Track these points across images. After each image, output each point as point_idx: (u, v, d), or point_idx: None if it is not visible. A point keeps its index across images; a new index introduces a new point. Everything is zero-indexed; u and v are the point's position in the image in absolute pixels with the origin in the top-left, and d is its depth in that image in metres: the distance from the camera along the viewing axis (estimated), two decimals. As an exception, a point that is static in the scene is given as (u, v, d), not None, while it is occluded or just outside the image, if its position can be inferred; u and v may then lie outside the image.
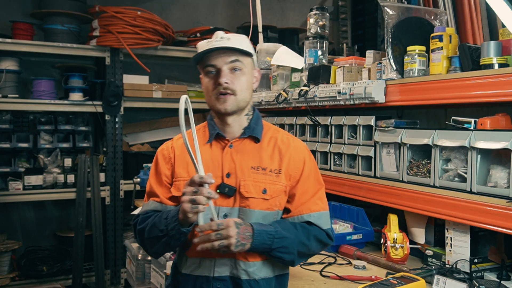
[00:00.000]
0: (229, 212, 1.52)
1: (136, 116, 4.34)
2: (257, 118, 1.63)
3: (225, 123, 1.58)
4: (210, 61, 1.52)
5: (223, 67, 1.51)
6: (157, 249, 1.56)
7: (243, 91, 1.53)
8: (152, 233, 1.52)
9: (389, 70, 2.15)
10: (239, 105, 1.54)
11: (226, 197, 1.52)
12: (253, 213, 1.51)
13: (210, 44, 1.52)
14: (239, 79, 1.52)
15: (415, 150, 2.06)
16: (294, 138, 1.66)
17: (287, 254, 1.49)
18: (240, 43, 1.53)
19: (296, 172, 1.57)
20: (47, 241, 4.07)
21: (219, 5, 4.79)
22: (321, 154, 2.62)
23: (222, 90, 1.51)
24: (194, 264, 1.55)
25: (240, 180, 1.52)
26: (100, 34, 3.74)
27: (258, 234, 1.43)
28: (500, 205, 1.63)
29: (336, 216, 2.56)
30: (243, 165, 1.54)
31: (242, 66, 1.53)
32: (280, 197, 1.55)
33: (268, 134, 1.62)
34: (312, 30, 2.67)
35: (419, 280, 1.66)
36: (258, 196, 1.51)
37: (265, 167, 1.55)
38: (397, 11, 2.17)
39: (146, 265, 2.94)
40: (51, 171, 3.71)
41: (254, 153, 1.57)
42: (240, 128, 1.59)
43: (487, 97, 1.72)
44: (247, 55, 1.55)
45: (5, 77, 3.57)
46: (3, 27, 3.81)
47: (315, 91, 2.49)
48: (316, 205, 1.58)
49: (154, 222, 1.52)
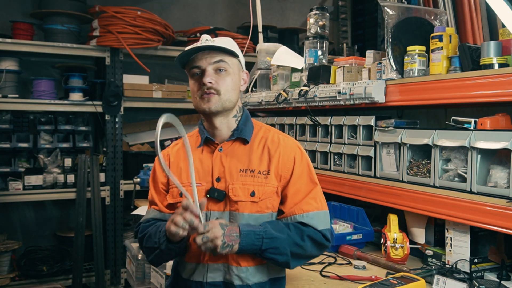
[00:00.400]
0: (220, 216, 1.51)
1: (136, 116, 4.34)
2: (245, 119, 1.61)
3: (213, 126, 1.57)
4: (195, 62, 1.53)
5: (208, 67, 1.51)
6: (153, 259, 1.58)
7: (228, 91, 1.52)
8: (148, 244, 1.55)
9: (389, 70, 2.15)
10: (223, 105, 1.53)
11: (216, 201, 1.52)
12: (243, 216, 1.50)
13: (195, 46, 1.52)
14: (224, 79, 1.52)
15: (415, 150, 2.06)
16: (285, 136, 1.62)
17: (280, 255, 1.46)
18: (224, 44, 1.53)
19: (286, 172, 1.54)
20: (47, 241, 4.07)
21: (219, 5, 4.79)
22: (321, 154, 2.62)
23: (206, 90, 1.50)
24: (191, 269, 1.56)
25: (228, 183, 1.52)
26: (100, 34, 3.74)
27: (245, 235, 1.42)
28: (500, 205, 1.63)
29: (336, 216, 2.56)
30: (232, 168, 1.54)
31: (227, 66, 1.53)
32: (271, 198, 1.52)
33: (259, 135, 1.60)
34: (312, 30, 2.67)
35: (419, 280, 1.66)
36: (247, 199, 1.50)
37: (253, 169, 1.53)
38: (397, 11, 2.17)
39: (146, 265, 2.94)
40: (51, 171, 3.71)
41: (243, 155, 1.56)
42: (229, 131, 1.58)
43: (487, 97, 1.72)
44: (232, 56, 1.55)
45: (5, 77, 3.57)
46: (3, 27, 3.81)
47: (315, 91, 2.49)
48: (309, 205, 1.53)
49: (150, 233, 1.54)
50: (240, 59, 1.59)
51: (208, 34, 1.65)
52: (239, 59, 1.58)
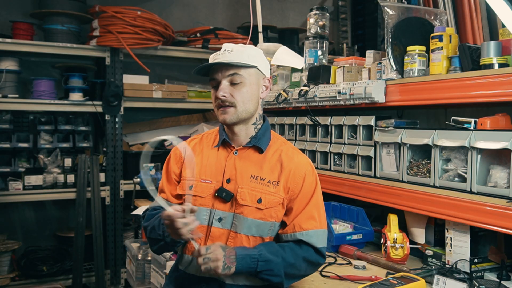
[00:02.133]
0: (223, 216, 1.57)
1: (136, 116, 4.34)
2: (265, 129, 1.65)
3: (232, 131, 1.62)
4: (212, 74, 1.58)
5: (222, 80, 1.55)
6: (156, 250, 1.63)
7: (244, 103, 1.56)
8: (152, 234, 1.60)
9: (389, 70, 2.15)
10: (239, 117, 1.57)
11: (223, 201, 1.57)
12: (246, 220, 1.55)
13: (214, 58, 1.57)
14: (240, 91, 1.55)
15: (415, 150, 2.06)
16: (299, 153, 1.68)
17: (274, 276, 1.52)
18: (240, 55, 1.54)
19: (295, 186, 1.59)
20: (47, 241, 4.07)
21: (219, 5, 4.79)
22: (321, 154, 2.62)
23: (221, 103, 1.55)
24: (187, 261, 1.62)
25: (238, 186, 1.57)
26: (100, 34, 3.74)
27: (241, 259, 1.47)
28: (500, 205, 1.63)
29: (336, 216, 2.56)
30: (244, 172, 1.58)
31: (242, 78, 1.55)
32: (276, 208, 1.57)
33: (274, 146, 1.65)
34: (312, 30, 2.67)
35: (419, 280, 1.66)
36: (253, 204, 1.55)
37: (264, 177, 1.58)
38: (397, 11, 2.17)
39: (146, 265, 2.94)
40: (51, 171, 3.71)
41: (256, 162, 1.60)
42: (247, 137, 1.63)
43: (487, 97, 1.72)
44: (247, 67, 1.56)
45: (5, 77, 3.57)
46: (3, 27, 3.81)
47: (315, 91, 2.49)
48: (310, 223, 1.59)
49: (154, 225, 1.59)
50: (260, 67, 1.60)
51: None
52: (258, 67, 1.59)
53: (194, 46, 4.12)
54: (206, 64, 1.57)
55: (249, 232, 1.56)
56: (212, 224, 1.57)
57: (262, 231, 1.57)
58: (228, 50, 1.55)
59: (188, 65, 4.52)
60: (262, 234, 1.58)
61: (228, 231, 1.57)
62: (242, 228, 1.55)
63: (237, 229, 1.56)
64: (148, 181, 1.49)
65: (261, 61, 1.61)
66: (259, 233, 1.57)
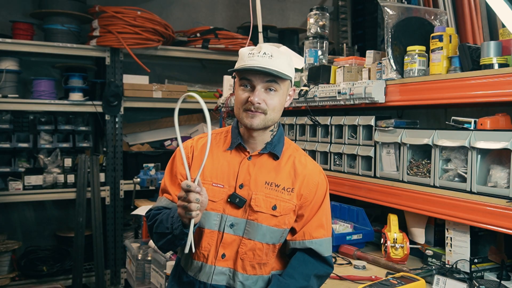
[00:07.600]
0: (236, 222, 1.53)
1: (136, 116, 4.34)
2: (280, 135, 1.62)
3: (251, 135, 1.58)
4: (248, 74, 1.50)
5: (258, 85, 1.49)
6: (163, 245, 1.56)
7: (274, 111, 1.53)
8: (159, 229, 1.53)
9: (389, 70, 2.15)
10: (266, 124, 1.53)
11: (235, 207, 1.54)
12: (261, 227, 1.53)
13: (251, 58, 1.49)
14: (272, 99, 1.51)
15: (415, 150, 2.06)
16: (312, 160, 1.67)
17: None
18: (281, 63, 1.50)
19: (308, 194, 1.58)
20: (47, 241, 4.07)
21: (219, 5, 4.79)
22: (321, 154, 2.62)
23: (253, 108, 1.50)
24: (196, 267, 1.57)
25: (252, 193, 1.54)
26: (100, 34, 3.74)
27: None
28: (500, 205, 1.63)
29: (336, 216, 2.56)
30: (258, 179, 1.55)
31: (277, 87, 1.51)
32: (289, 216, 1.56)
33: (287, 152, 1.63)
34: (312, 30, 2.67)
35: (419, 280, 1.66)
36: (268, 211, 1.53)
37: (278, 184, 1.56)
38: (397, 11, 2.17)
39: (146, 265, 2.94)
40: (51, 171, 3.72)
41: (271, 169, 1.58)
42: (262, 143, 1.59)
43: (487, 97, 1.72)
44: (285, 78, 1.53)
45: (5, 77, 3.58)
46: (3, 27, 3.82)
47: (315, 91, 2.49)
48: (319, 231, 1.59)
49: (161, 219, 1.53)
50: (292, 78, 1.58)
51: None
52: (291, 78, 1.56)
53: (194, 46, 4.12)
54: (250, 67, 1.47)
55: (263, 239, 1.54)
56: (224, 230, 1.54)
57: (275, 238, 1.56)
58: (269, 55, 1.49)
59: (188, 65, 4.52)
60: (274, 241, 1.56)
61: (240, 238, 1.54)
62: (256, 235, 1.53)
63: (250, 236, 1.53)
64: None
65: (293, 71, 1.59)
66: (272, 240, 1.56)
